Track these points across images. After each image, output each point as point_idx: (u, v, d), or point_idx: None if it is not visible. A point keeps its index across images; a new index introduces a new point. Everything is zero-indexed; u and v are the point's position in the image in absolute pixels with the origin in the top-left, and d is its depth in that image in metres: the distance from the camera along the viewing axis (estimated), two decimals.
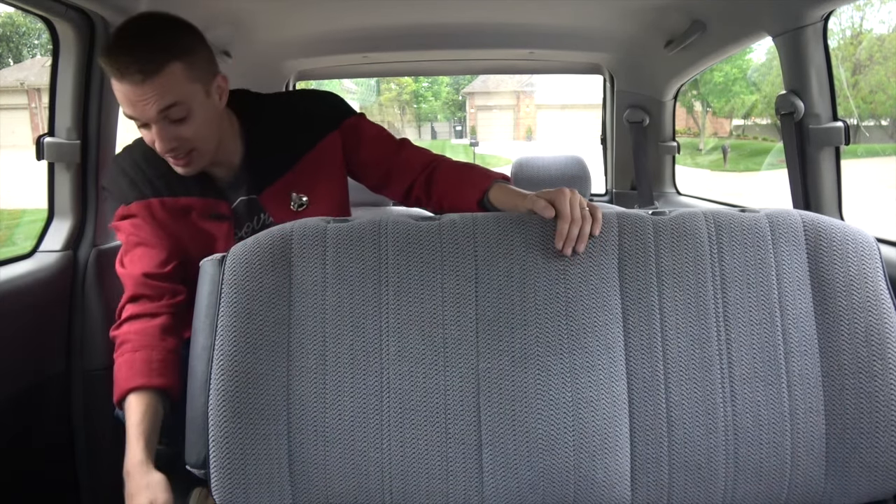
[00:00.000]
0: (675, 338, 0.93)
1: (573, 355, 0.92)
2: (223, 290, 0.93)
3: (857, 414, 0.90)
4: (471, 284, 0.94)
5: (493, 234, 0.96)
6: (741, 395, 0.91)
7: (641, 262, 0.95)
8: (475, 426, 0.91)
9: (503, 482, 0.91)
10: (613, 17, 1.99)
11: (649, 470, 0.91)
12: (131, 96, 1.06)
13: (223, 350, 0.90)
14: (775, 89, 2.48)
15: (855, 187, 1.86)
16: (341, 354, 0.92)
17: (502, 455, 0.91)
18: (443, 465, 0.91)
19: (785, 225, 0.96)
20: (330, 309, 0.92)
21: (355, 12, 1.90)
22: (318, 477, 0.90)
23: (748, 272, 0.94)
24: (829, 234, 0.95)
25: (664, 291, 0.94)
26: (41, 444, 1.42)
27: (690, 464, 0.91)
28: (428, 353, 0.92)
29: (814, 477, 0.91)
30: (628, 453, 0.91)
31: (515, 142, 22.12)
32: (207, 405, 0.90)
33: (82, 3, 1.34)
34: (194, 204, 1.23)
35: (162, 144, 1.11)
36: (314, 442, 0.90)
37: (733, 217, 0.97)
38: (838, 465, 0.91)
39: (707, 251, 0.95)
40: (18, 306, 1.34)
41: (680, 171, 2.53)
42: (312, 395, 0.91)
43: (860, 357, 0.91)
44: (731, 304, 0.93)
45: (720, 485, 0.91)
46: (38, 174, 1.50)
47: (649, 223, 0.96)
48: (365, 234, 0.95)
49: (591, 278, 0.94)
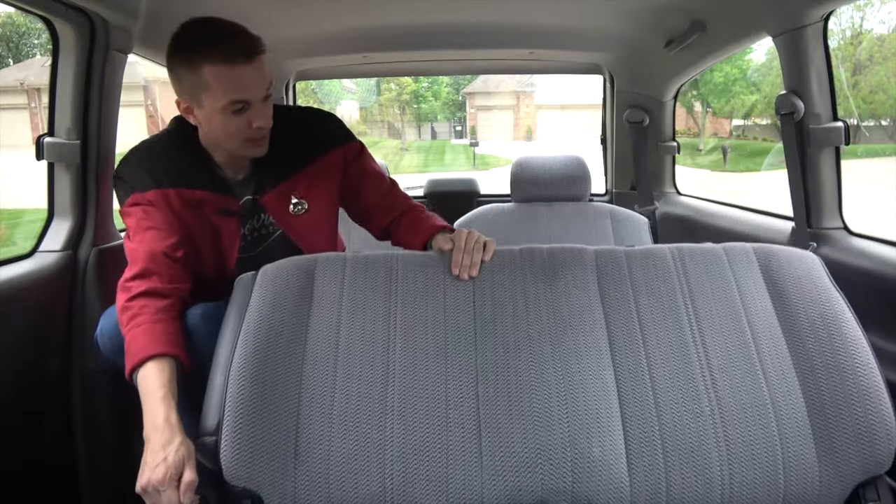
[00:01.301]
0: (654, 334, 1.05)
1: (562, 344, 1.04)
2: (255, 291, 1.08)
3: (831, 388, 1.00)
4: (468, 292, 1.10)
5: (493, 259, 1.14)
6: (721, 383, 1.01)
7: (616, 276, 1.10)
8: (474, 412, 1.00)
9: (501, 462, 0.96)
10: (613, 17, 1.99)
11: (644, 453, 0.97)
12: (245, 77, 1.17)
13: (248, 332, 1.03)
14: (775, 89, 2.48)
15: (855, 187, 1.86)
16: (352, 345, 1.04)
17: (500, 436, 0.97)
18: (443, 449, 0.97)
19: (738, 250, 1.13)
20: (345, 312, 1.07)
21: (355, 12, 1.90)
22: (321, 454, 0.97)
23: (712, 284, 1.09)
24: (776, 253, 1.13)
25: (640, 300, 1.08)
26: (41, 443, 1.42)
27: (683, 447, 0.97)
28: (431, 348, 1.04)
29: (806, 459, 0.97)
30: (621, 434, 0.98)
31: (515, 142, 22.12)
32: (228, 378, 1.00)
33: (82, 3, 1.34)
34: (208, 198, 1.29)
35: (265, 121, 1.23)
36: (320, 421, 0.98)
37: (693, 247, 1.14)
38: (825, 442, 0.97)
39: (673, 267, 1.11)
40: (18, 306, 1.34)
41: (679, 172, 2.53)
42: (322, 379, 1.01)
43: (821, 338, 1.03)
44: (700, 310, 1.07)
45: (716, 469, 0.96)
46: (39, 174, 1.50)
47: (621, 253, 1.14)
48: (379, 260, 1.13)
49: (574, 290, 1.09)
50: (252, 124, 1.22)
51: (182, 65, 1.18)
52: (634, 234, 2.06)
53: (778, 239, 1.64)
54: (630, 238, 2.05)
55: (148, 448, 0.97)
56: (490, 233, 1.86)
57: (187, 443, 0.97)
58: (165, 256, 1.20)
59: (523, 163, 2.16)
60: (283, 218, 1.37)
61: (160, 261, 1.20)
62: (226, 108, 1.19)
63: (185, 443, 0.97)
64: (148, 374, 1.06)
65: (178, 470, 0.94)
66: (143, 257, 1.19)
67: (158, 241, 1.21)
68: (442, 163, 20.87)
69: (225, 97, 1.18)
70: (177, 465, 0.94)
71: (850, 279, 1.38)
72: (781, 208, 1.75)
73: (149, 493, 0.93)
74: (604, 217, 2.08)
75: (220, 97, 1.18)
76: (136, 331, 1.12)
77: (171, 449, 0.95)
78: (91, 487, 1.51)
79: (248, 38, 1.18)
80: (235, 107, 1.19)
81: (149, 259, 1.19)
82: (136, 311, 1.14)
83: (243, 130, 1.22)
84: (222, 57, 1.15)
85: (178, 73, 1.20)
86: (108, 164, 1.54)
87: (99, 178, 1.51)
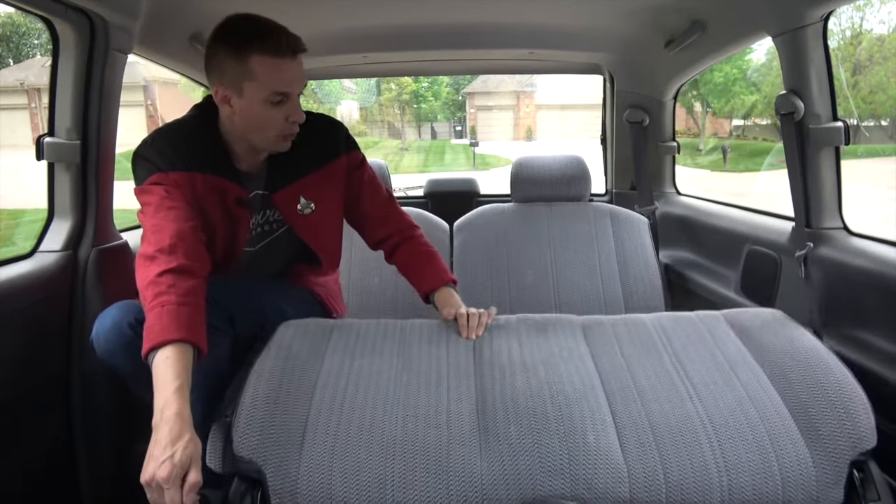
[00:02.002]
0: (638, 362, 1.20)
1: (556, 370, 1.17)
2: (283, 325, 1.31)
3: (803, 381, 1.11)
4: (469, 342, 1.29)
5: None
6: (702, 389, 1.12)
7: (600, 330, 1.29)
8: (474, 408, 1.09)
9: (499, 452, 1.01)
10: (613, 16, 1.99)
11: (635, 438, 1.03)
12: (290, 71, 1.25)
13: (274, 341, 1.23)
14: (775, 89, 2.48)
15: (855, 187, 1.86)
16: (363, 364, 1.20)
17: (497, 429, 1.05)
18: (444, 441, 1.03)
19: (710, 316, 1.34)
20: (360, 337, 1.28)
21: (355, 12, 1.90)
22: (326, 446, 1.02)
23: (686, 332, 1.28)
24: (742, 312, 1.34)
25: (623, 344, 1.25)
26: (41, 444, 1.42)
27: (674, 431, 1.04)
28: (433, 375, 1.17)
29: (795, 443, 1.03)
30: (613, 426, 1.06)
31: (515, 142, 22.12)
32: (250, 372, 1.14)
33: (82, 3, 1.34)
34: (229, 187, 1.33)
35: (300, 116, 1.30)
36: (327, 419, 1.06)
37: (672, 315, 1.35)
38: (809, 428, 1.04)
39: (651, 325, 1.30)
40: (18, 306, 1.34)
41: (679, 172, 2.53)
42: (335, 385, 1.14)
43: (785, 348, 1.19)
44: (676, 344, 1.24)
45: (707, 451, 1.01)
46: (39, 174, 1.50)
47: (607, 320, 1.33)
48: (390, 327, 1.32)
49: (563, 336, 1.27)
50: (288, 118, 1.28)
51: (229, 54, 1.23)
52: (634, 235, 2.06)
53: (777, 239, 1.64)
54: (630, 238, 2.05)
55: (155, 439, 0.96)
56: (490, 233, 1.86)
57: (195, 440, 0.97)
58: (192, 235, 1.21)
59: (523, 163, 2.16)
60: (290, 215, 1.41)
61: (188, 238, 1.19)
62: (267, 99, 1.25)
63: (194, 440, 0.97)
64: (166, 358, 1.04)
65: (184, 469, 0.93)
66: (170, 233, 1.18)
67: (183, 221, 1.21)
68: (442, 163, 20.85)
69: (268, 88, 1.24)
70: (183, 465, 0.93)
71: (849, 279, 1.38)
72: (782, 208, 1.75)
73: (152, 488, 0.93)
74: (604, 217, 2.08)
75: (264, 88, 1.24)
76: (161, 310, 1.09)
77: (179, 446, 0.94)
78: (91, 487, 1.51)
79: (293, 36, 1.26)
80: (276, 98, 1.25)
81: (176, 235, 1.18)
82: (162, 289, 1.11)
83: (278, 124, 1.28)
84: (272, 50, 1.22)
85: (221, 62, 1.24)
86: (108, 164, 1.54)
87: (99, 178, 1.51)
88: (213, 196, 1.31)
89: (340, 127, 1.49)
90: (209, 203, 1.31)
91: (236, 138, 1.33)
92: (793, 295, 1.54)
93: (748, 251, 1.78)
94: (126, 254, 1.62)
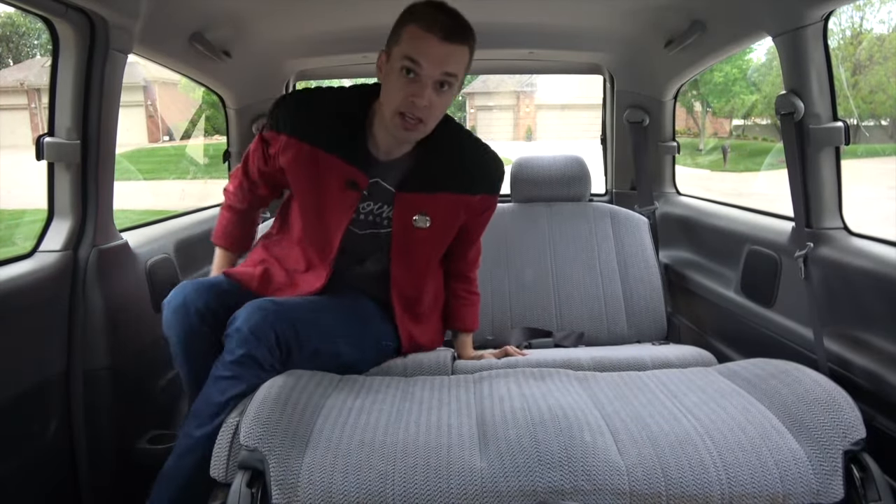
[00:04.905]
0: (630, 393, 1.27)
1: (545, 387, 1.26)
2: None
3: (781, 388, 1.17)
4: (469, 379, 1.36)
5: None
6: (696, 412, 1.16)
7: (592, 377, 1.35)
8: (476, 413, 1.17)
9: (498, 452, 1.04)
10: (613, 17, 1.99)
11: (629, 437, 1.07)
12: (430, 47, 1.25)
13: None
14: (775, 89, 2.48)
15: (855, 187, 1.86)
16: (373, 384, 1.30)
17: (496, 431, 1.09)
18: (445, 444, 1.06)
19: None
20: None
21: (355, 12, 1.90)
22: (330, 449, 1.05)
23: (681, 378, 1.33)
24: (732, 365, 1.38)
25: (614, 380, 1.33)
26: (41, 444, 1.42)
27: (668, 432, 1.08)
28: (434, 402, 1.22)
29: (786, 440, 1.06)
30: (604, 422, 1.11)
31: (515, 142, 22.11)
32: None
33: (82, 3, 1.34)
34: (337, 165, 1.38)
35: (420, 101, 1.27)
36: (333, 425, 1.11)
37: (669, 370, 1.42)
38: (797, 426, 1.08)
39: (648, 378, 1.35)
40: (18, 306, 1.34)
41: (679, 172, 2.53)
42: (345, 397, 1.22)
43: (763, 370, 1.28)
44: (673, 388, 1.27)
45: (705, 454, 1.04)
46: (39, 174, 1.50)
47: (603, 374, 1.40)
48: (394, 381, 1.35)
49: (558, 381, 1.34)
50: (410, 96, 1.27)
51: (401, 19, 1.29)
52: (634, 235, 2.06)
53: (778, 239, 1.64)
54: (630, 238, 2.05)
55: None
56: (490, 233, 1.86)
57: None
58: (259, 173, 1.53)
59: (523, 163, 2.16)
60: (403, 221, 1.42)
61: (252, 176, 1.56)
62: (402, 65, 1.26)
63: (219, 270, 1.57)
64: (217, 251, 1.63)
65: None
66: (242, 168, 1.58)
67: (255, 164, 1.53)
68: None
69: (404, 53, 1.26)
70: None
71: (850, 279, 1.38)
72: (782, 208, 1.75)
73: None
74: (604, 217, 2.08)
75: (402, 53, 1.26)
76: (220, 216, 1.63)
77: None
78: (91, 487, 1.51)
79: (459, 26, 1.27)
80: (407, 64, 1.26)
81: (243, 173, 1.58)
82: (226, 203, 1.63)
83: (399, 96, 1.28)
84: (425, 23, 1.25)
85: (394, 27, 1.31)
86: (109, 164, 1.54)
87: (99, 178, 1.51)
88: (314, 168, 1.39)
89: (500, 168, 1.50)
90: (311, 173, 1.40)
91: (381, 116, 1.35)
92: (793, 295, 1.54)
93: (748, 251, 1.78)
94: (126, 254, 1.62)
